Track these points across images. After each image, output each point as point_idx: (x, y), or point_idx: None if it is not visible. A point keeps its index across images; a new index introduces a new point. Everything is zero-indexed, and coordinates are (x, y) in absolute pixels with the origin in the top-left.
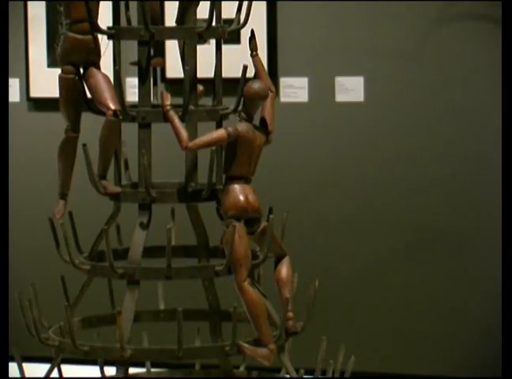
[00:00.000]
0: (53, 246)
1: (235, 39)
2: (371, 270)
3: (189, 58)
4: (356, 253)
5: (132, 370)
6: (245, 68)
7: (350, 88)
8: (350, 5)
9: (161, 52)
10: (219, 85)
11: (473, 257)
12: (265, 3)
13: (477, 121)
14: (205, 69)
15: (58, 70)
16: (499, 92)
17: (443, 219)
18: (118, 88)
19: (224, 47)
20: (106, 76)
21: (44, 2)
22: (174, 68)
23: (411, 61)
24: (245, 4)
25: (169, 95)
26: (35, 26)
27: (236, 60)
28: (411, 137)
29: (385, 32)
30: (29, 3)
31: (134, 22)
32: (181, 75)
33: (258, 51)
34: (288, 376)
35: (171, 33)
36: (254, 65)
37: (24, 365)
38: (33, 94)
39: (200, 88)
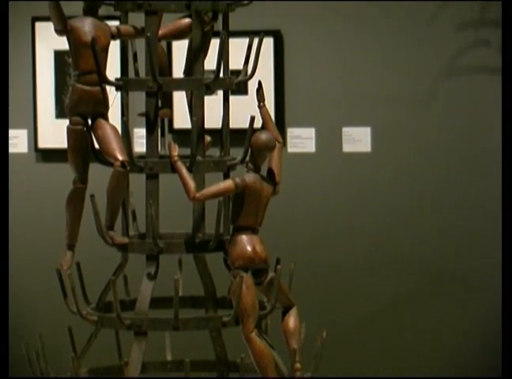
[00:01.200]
0: (60, 297)
1: (242, 89)
2: (378, 320)
3: (196, 109)
4: (363, 303)
5: None
6: (252, 119)
7: (357, 139)
8: (357, 55)
9: (169, 103)
10: (226, 136)
11: (481, 302)
12: (272, 55)
13: (485, 172)
14: (212, 119)
15: (66, 121)
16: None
17: (452, 264)
18: (126, 138)
19: (232, 98)
20: (114, 127)
21: (52, 53)
22: (181, 118)
23: (418, 112)
24: (252, 55)
25: (176, 146)
26: (43, 77)
27: (244, 111)
28: (417, 188)
29: (392, 83)
30: (37, 54)
31: (142, 73)
32: (188, 126)
33: (266, 102)
34: None
35: (179, 84)
36: (262, 115)
37: None
38: (41, 145)
39: (207, 138)
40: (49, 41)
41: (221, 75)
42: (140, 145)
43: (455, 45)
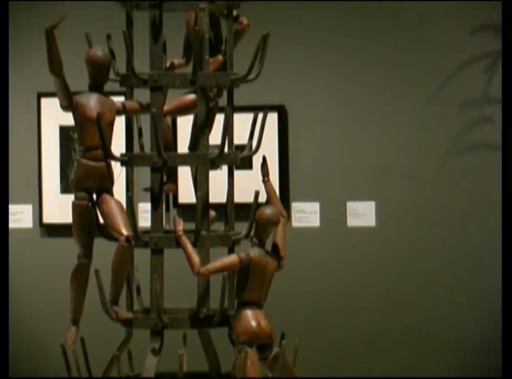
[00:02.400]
0: (64, 372)
1: (247, 164)
2: None
3: (201, 184)
4: (369, 372)
5: None
6: (257, 193)
7: (362, 213)
8: (361, 130)
9: (174, 178)
10: (231, 211)
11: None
12: (276, 130)
13: (488, 247)
14: (217, 194)
15: (71, 196)
16: None
17: (455, 334)
18: (131, 213)
19: (236, 173)
20: (119, 202)
21: (58, 129)
22: (186, 193)
23: (422, 187)
24: (257, 130)
25: (181, 221)
26: (48, 152)
27: (248, 185)
28: (422, 263)
29: (396, 158)
30: (43, 129)
31: (147, 148)
32: (193, 200)
33: (270, 176)
34: None
35: (184, 159)
36: (266, 190)
37: None
38: (46, 220)
39: (212, 213)
40: (54, 117)
41: (226, 150)
42: (145, 220)
43: (459, 122)
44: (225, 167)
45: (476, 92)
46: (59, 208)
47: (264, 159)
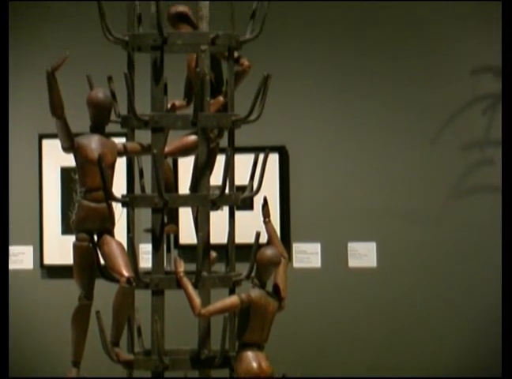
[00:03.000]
0: None
1: (248, 205)
2: None
3: (202, 225)
4: None
5: None
6: (258, 234)
7: (363, 254)
8: (362, 171)
9: (175, 218)
10: (232, 252)
11: None
12: (277, 171)
13: (489, 291)
14: (218, 234)
15: (72, 237)
16: None
17: (455, 371)
18: (132, 254)
19: (237, 214)
20: (120, 244)
21: (59, 170)
22: (187, 234)
23: (423, 228)
24: (258, 171)
25: (182, 262)
26: (49, 193)
27: (249, 226)
28: (423, 304)
29: (397, 198)
30: (44, 171)
31: (148, 189)
32: (194, 241)
33: (271, 217)
34: None
35: (185, 201)
36: (267, 231)
37: None
38: (47, 261)
39: (213, 254)
40: (56, 158)
41: (227, 191)
42: (146, 261)
43: (461, 164)
44: (226, 208)
45: (477, 134)
46: (60, 249)
47: (265, 200)
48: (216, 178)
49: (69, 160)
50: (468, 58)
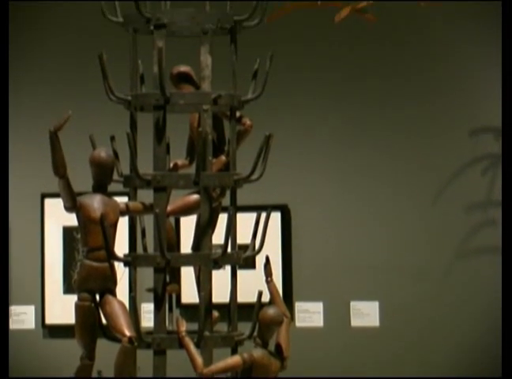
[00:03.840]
0: None
1: (250, 264)
2: None
3: (204, 284)
4: None
5: None
6: (260, 294)
7: (365, 313)
8: (365, 229)
9: (177, 278)
10: (234, 311)
11: None
12: (279, 229)
13: (492, 348)
14: (220, 293)
15: (74, 297)
16: None
17: None
18: (134, 314)
19: (239, 272)
20: (121, 303)
21: (61, 229)
22: (189, 293)
23: (426, 287)
24: (260, 230)
25: (184, 322)
26: (51, 253)
27: (251, 285)
28: (426, 363)
29: (400, 257)
30: (46, 230)
31: (150, 248)
32: (196, 300)
33: (273, 276)
34: None
35: (187, 260)
36: (269, 290)
37: None
38: (48, 321)
39: (215, 314)
40: (58, 217)
41: (229, 250)
42: (148, 320)
43: (462, 224)
44: (228, 267)
45: (478, 195)
46: (62, 308)
47: (267, 259)
48: (218, 236)
49: (72, 219)
50: (467, 118)
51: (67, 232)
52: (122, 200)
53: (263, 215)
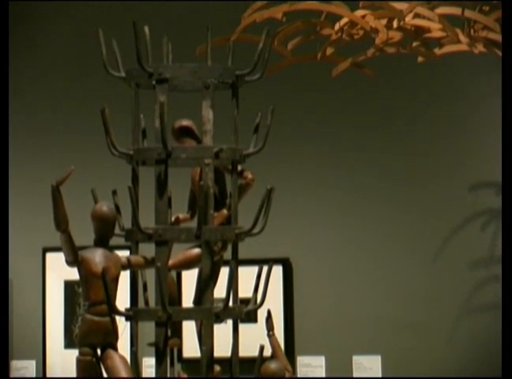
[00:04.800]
0: None
1: (251, 318)
2: None
3: (206, 338)
4: None
5: None
6: (261, 348)
7: (368, 367)
8: (366, 284)
9: (178, 332)
10: (235, 365)
11: None
12: (281, 283)
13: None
14: (221, 347)
15: (76, 352)
16: None
17: None
18: (135, 368)
19: (241, 326)
20: (123, 358)
21: (63, 284)
22: (190, 347)
23: (429, 341)
24: (261, 283)
25: (186, 376)
26: (52, 307)
27: (253, 339)
28: None
29: (401, 311)
30: (48, 284)
31: (152, 303)
32: (198, 354)
33: (275, 330)
34: None
35: (189, 314)
36: (271, 344)
37: None
38: (50, 375)
39: (217, 368)
40: (59, 271)
41: (231, 304)
42: (149, 374)
43: (466, 280)
44: (230, 321)
45: (480, 250)
46: (63, 363)
47: (269, 312)
48: (219, 289)
49: (73, 274)
50: (466, 174)
51: (68, 286)
52: (123, 254)
53: (265, 268)
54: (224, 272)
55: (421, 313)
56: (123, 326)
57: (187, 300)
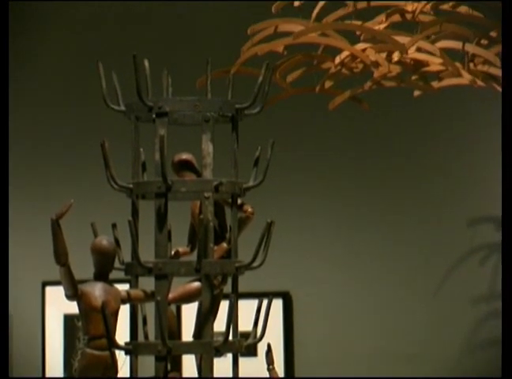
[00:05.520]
0: None
1: (251, 352)
2: None
3: (206, 372)
4: None
5: None
6: None
7: None
8: (367, 318)
9: (178, 366)
10: None
11: None
12: (281, 317)
13: None
14: None
15: None
16: None
17: None
18: None
19: (241, 360)
20: None
21: (62, 317)
22: None
23: (427, 373)
24: (261, 317)
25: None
26: (52, 341)
27: (253, 373)
28: None
29: (403, 345)
30: (47, 318)
31: (151, 336)
32: None
33: (275, 364)
34: None
35: (188, 348)
36: (271, 378)
37: None
38: None
39: None
40: (59, 305)
41: (230, 337)
42: None
43: (467, 315)
44: (230, 355)
45: (481, 286)
46: None
47: (269, 346)
48: (219, 323)
49: (73, 307)
50: (464, 206)
51: (68, 320)
52: (123, 287)
53: (265, 302)
54: (224, 306)
55: (422, 348)
56: (123, 360)
57: (187, 334)
